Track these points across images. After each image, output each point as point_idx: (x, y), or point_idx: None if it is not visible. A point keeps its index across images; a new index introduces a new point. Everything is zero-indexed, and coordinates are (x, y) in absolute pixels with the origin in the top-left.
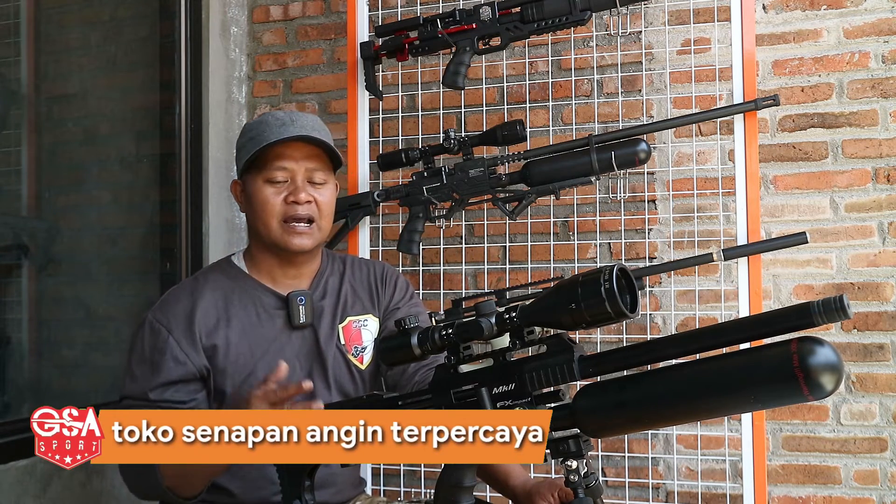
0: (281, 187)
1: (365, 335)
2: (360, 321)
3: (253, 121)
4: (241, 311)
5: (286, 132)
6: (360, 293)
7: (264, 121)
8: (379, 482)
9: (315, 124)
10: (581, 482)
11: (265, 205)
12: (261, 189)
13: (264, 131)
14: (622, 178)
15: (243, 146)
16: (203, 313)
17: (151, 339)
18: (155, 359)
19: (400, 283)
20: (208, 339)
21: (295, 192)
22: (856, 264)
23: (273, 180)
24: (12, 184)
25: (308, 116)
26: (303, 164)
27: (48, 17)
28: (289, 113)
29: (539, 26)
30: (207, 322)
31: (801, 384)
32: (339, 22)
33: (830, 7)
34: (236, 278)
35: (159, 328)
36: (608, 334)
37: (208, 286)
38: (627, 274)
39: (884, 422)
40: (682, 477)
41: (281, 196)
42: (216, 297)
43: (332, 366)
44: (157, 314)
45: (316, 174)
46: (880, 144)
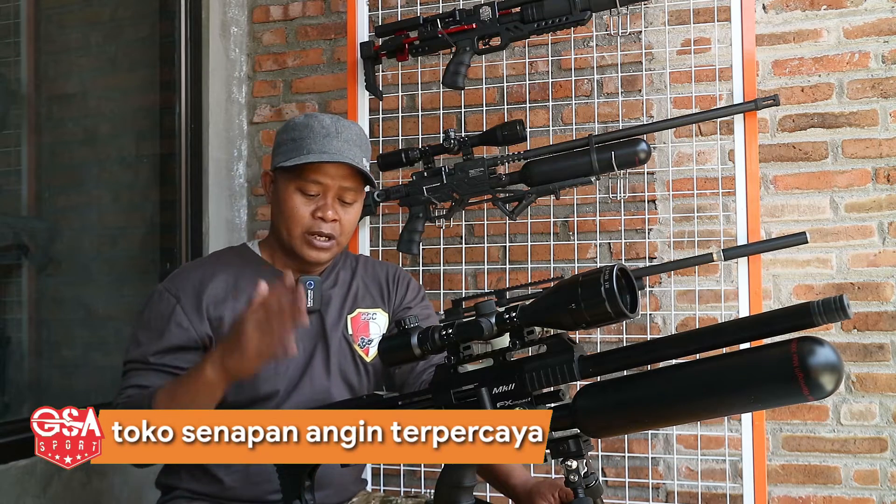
0: (311, 200)
1: (373, 328)
2: (370, 314)
3: (299, 119)
4: (250, 287)
5: (329, 146)
6: (370, 288)
7: (309, 125)
8: (379, 482)
9: (358, 139)
10: (581, 482)
11: (292, 212)
12: (291, 196)
13: (307, 137)
14: (622, 178)
15: (283, 143)
16: (212, 285)
17: (158, 307)
18: (160, 325)
19: (412, 285)
20: (216, 309)
21: (323, 208)
22: (856, 264)
23: (305, 191)
24: (12, 184)
25: (353, 128)
26: (337, 182)
27: (48, 17)
28: (334, 120)
29: (539, 26)
30: (216, 294)
31: (801, 384)
32: (339, 22)
33: (830, 7)
34: (249, 260)
35: (168, 296)
36: (608, 334)
37: (220, 262)
38: (627, 274)
39: (884, 422)
40: (682, 477)
41: (309, 209)
42: (227, 273)
43: (337, 353)
44: (167, 284)
45: (347, 194)
46: (880, 144)
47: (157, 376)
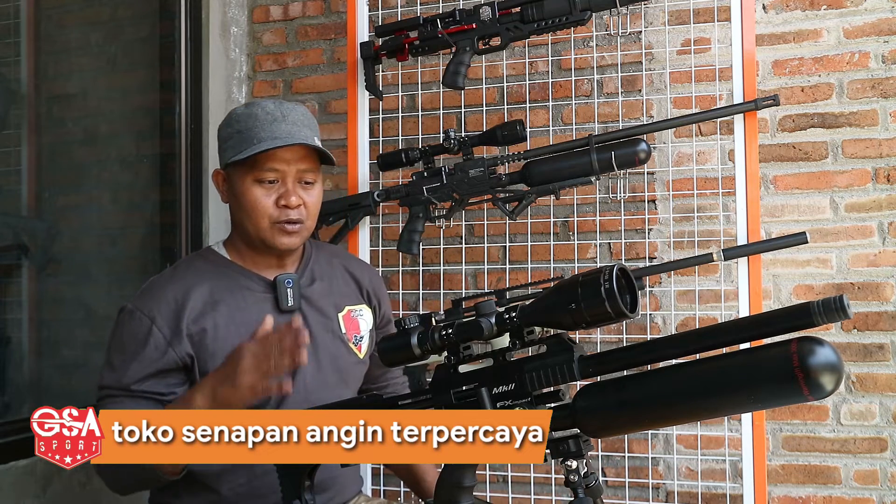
0: (271, 188)
1: (362, 325)
2: (357, 311)
3: (239, 110)
4: (227, 296)
5: (278, 130)
6: (350, 284)
7: (253, 114)
8: (379, 482)
9: (305, 119)
10: (581, 482)
11: (255, 205)
12: (250, 189)
13: (254, 127)
14: (622, 178)
15: (230, 137)
16: (189, 300)
17: (131, 328)
18: (135, 349)
19: (385, 299)
20: (196, 324)
21: (286, 195)
22: (856, 264)
23: (263, 180)
24: (12, 184)
25: (297, 109)
26: (294, 166)
27: (48, 17)
28: (278, 104)
29: (539, 26)
30: (194, 308)
31: (801, 384)
32: (339, 22)
33: (830, 7)
34: (220, 265)
35: (140, 316)
36: (608, 334)
37: (191, 273)
38: (627, 274)
39: (884, 422)
40: (682, 477)
41: (271, 198)
42: (201, 284)
43: (331, 353)
44: (137, 303)
45: (307, 175)
46: (880, 144)
47: (135, 402)
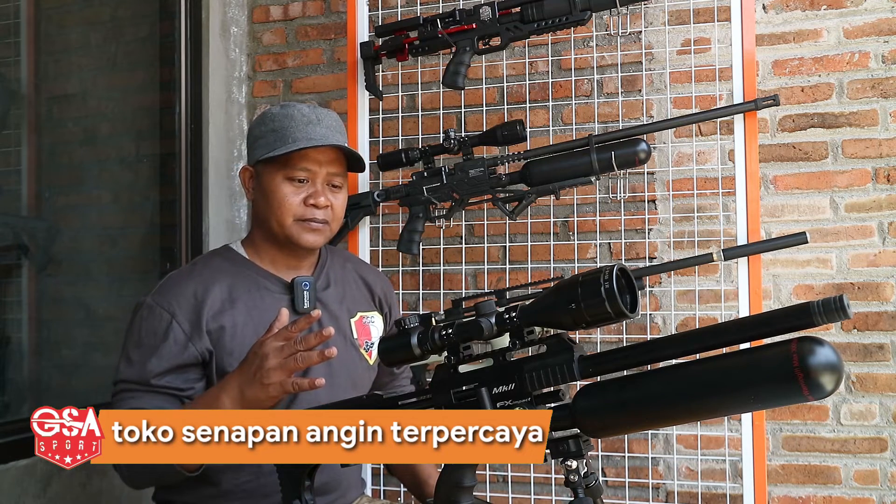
0: (300, 187)
1: (373, 331)
2: (369, 317)
3: (275, 110)
4: (245, 294)
5: (313, 133)
6: (362, 290)
7: (289, 115)
8: (379, 482)
9: (338, 125)
10: (581, 482)
11: (283, 202)
12: (280, 186)
13: (289, 126)
14: (622, 178)
15: (262, 136)
16: (208, 296)
17: (151, 323)
18: (154, 343)
19: (395, 304)
20: (215, 320)
21: (315, 195)
22: (856, 264)
23: (294, 178)
24: (12, 184)
25: (331, 115)
26: (325, 168)
27: (48, 17)
28: (313, 108)
29: (539, 26)
30: (213, 304)
31: (801, 384)
32: (339, 22)
33: (830, 7)
34: (238, 264)
35: (161, 312)
36: (608, 334)
37: (209, 270)
38: (627, 274)
39: (884, 422)
40: (682, 477)
41: (300, 196)
42: (220, 281)
43: (344, 359)
44: (156, 298)
45: (335, 178)
46: (880, 144)
47: (155, 398)
